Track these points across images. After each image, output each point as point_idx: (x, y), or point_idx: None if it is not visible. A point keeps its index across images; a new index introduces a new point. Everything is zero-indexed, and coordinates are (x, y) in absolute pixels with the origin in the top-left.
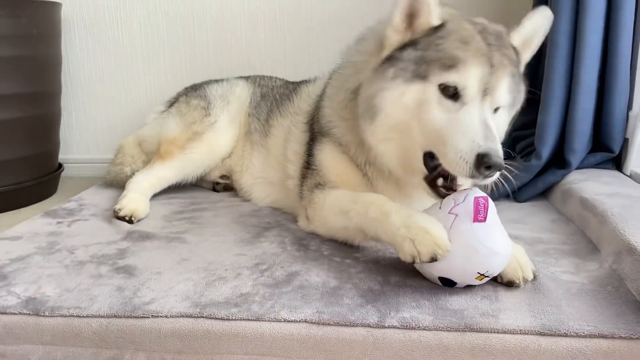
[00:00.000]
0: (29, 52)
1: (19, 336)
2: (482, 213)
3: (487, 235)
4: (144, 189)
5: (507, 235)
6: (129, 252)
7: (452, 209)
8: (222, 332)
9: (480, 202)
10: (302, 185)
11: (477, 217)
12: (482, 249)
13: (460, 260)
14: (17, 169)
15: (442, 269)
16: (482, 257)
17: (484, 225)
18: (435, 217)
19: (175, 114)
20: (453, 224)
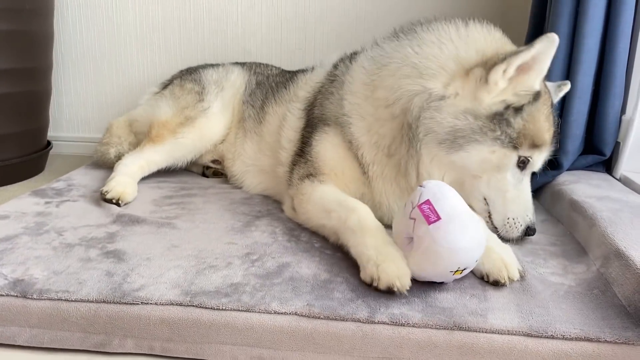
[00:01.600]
0: (21, 26)
1: (6, 318)
2: (433, 214)
3: (446, 235)
4: (133, 172)
5: (476, 223)
6: (118, 236)
7: (411, 213)
8: (211, 322)
9: (424, 208)
10: (292, 172)
11: (429, 220)
12: (444, 250)
13: (429, 265)
14: (4, 145)
15: (420, 275)
16: (446, 257)
17: (440, 225)
18: (401, 222)
19: (169, 97)
20: (414, 229)
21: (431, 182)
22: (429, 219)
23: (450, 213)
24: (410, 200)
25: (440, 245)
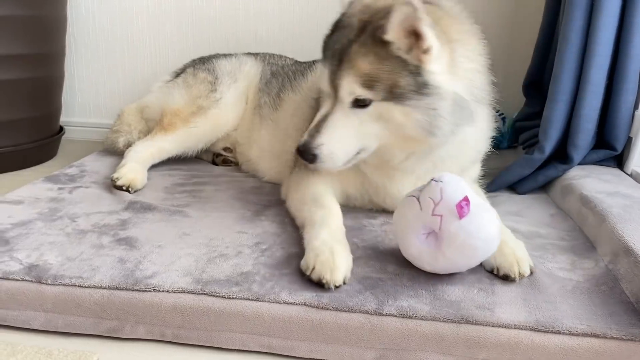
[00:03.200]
0: (34, 12)
1: (21, 302)
2: (466, 207)
3: (479, 226)
4: (143, 159)
5: (489, 206)
6: (130, 223)
7: (434, 210)
8: (222, 310)
9: (462, 203)
10: (297, 160)
11: (463, 213)
12: (480, 242)
13: (464, 259)
14: (17, 130)
15: (448, 270)
16: (482, 248)
17: (472, 218)
18: (419, 219)
19: (182, 85)
20: (441, 226)
21: (446, 175)
22: (462, 211)
23: (475, 202)
24: (426, 195)
25: (477, 238)
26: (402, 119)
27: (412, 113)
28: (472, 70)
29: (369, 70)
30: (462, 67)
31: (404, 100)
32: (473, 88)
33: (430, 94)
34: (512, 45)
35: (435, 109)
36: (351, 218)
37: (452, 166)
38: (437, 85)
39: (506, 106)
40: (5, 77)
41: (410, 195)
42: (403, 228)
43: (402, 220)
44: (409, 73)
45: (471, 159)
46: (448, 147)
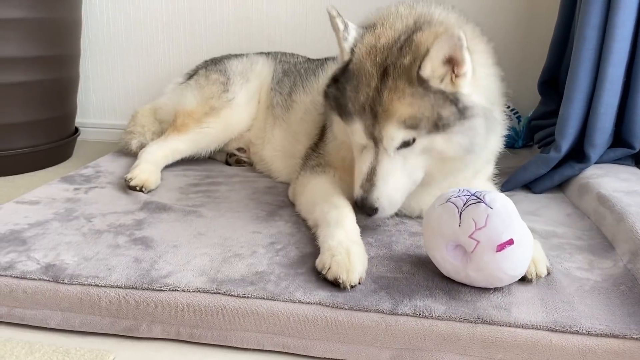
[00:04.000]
0: (49, 14)
1: (38, 301)
2: (507, 248)
3: (513, 263)
4: (157, 160)
5: (528, 233)
6: (145, 223)
7: (473, 234)
8: (237, 309)
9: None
10: (305, 164)
11: (503, 247)
12: (507, 277)
13: (483, 284)
14: (33, 131)
15: (467, 283)
16: (506, 281)
17: (508, 253)
18: (455, 233)
19: (194, 87)
20: (475, 250)
21: (498, 202)
22: (501, 247)
23: (519, 238)
24: (470, 215)
25: (506, 273)
26: (444, 146)
27: (453, 138)
28: (488, 75)
29: (410, 113)
30: (481, 76)
31: (448, 128)
32: (490, 94)
33: (470, 116)
34: (527, 43)
35: (474, 128)
36: (365, 217)
37: (467, 171)
38: (473, 105)
39: (521, 105)
40: (21, 79)
41: (450, 200)
42: (434, 231)
43: (436, 224)
44: (450, 103)
45: (486, 160)
46: None
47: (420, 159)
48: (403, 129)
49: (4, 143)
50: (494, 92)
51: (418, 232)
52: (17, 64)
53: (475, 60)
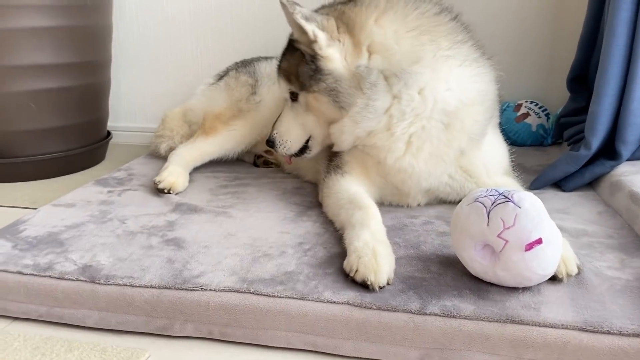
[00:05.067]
0: (82, 22)
1: (76, 301)
2: (536, 247)
3: (542, 262)
4: (185, 163)
5: (557, 232)
6: (177, 225)
7: (501, 233)
8: (267, 309)
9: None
10: (328, 166)
11: (532, 246)
12: (536, 276)
13: (512, 284)
14: (68, 136)
15: (496, 283)
16: (536, 281)
17: (537, 252)
18: (483, 233)
19: (224, 89)
20: (503, 250)
21: (527, 201)
22: (530, 247)
23: (548, 238)
24: (498, 215)
25: (535, 273)
26: (316, 104)
27: (319, 96)
28: (389, 40)
29: (285, 66)
30: (374, 43)
31: (309, 86)
32: (396, 54)
33: (324, 78)
34: (555, 39)
35: (333, 89)
36: (392, 218)
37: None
38: (330, 70)
39: (550, 101)
40: (55, 86)
41: (478, 200)
42: (462, 231)
43: (464, 224)
44: (305, 62)
45: (467, 129)
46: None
47: (308, 115)
48: (284, 79)
49: (40, 147)
50: (410, 52)
51: (446, 232)
52: (52, 70)
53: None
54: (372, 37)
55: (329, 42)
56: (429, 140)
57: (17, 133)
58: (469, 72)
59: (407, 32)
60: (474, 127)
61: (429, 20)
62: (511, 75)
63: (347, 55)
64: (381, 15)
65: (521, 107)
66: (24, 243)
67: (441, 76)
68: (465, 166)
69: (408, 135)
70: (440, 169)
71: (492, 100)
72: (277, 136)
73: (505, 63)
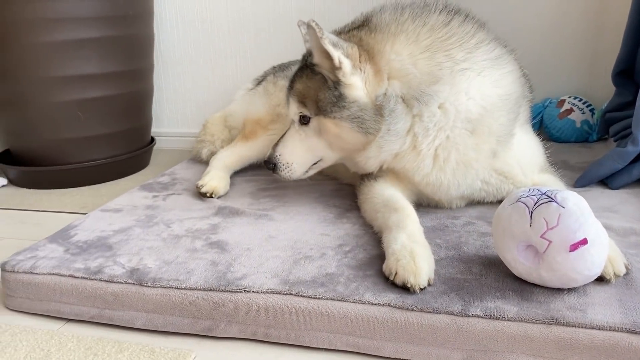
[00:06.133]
0: (125, 32)
1: (125, 303)
2: (581, 247)
3: (587, 263)
4: (226, 167)
5: (602, 230)
6: (220, 228)
7: (544, 234)
8: (309, 310)
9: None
10: None
11: (577, 247)
12: (582, 277)
13: (557, 285)
14: (114, 143)
15: (540, 284)
16: (581, 282)
17: (582, 252)
18: (525, 234)
19: (262, 94)
20: (547, 250)
21: (570, 201)
22: (574, 247)
23: (593, 238)
24: (541, 215)
25: (580, 273)
26: (335, 130)
27: (341, 123)
28: (406, 65)
29: (301, 89)
30: (392, 70)
31: (329, 112)
32: (415, 78)
33: (348, 106)
34: (599, 32)
35: (357, 117)
36: (432, 219)
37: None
38: (354, 98)
39: (594, 96)
40: (101, 94)
41: (520, 200)
42: (504, 231)
43: (506, 225)
44: (327, 88)
45: (495, 132)
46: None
47: (321, 139)
48: (297, 102)
49: (88, 154)
50: (427, 73)
51: (488, 232)
52: (98, 80)
53: (380, 60)
54: (391, 64)
55: (353, 71)
56: (455, 148)
57: (66, 141)
58: (489, 79)
59: (421, 53)
60: (500, 129)
61: (440, 35)
62: (553, 70)
63: (369, 83)
64: (395, 39)
65: (564, 102)
66: (75, 247)
67: (461, 88)
68: (500, 168)
69: (434, 149)
70: (470, 177)
71: (515, 99)
72: (280, 158)
73: (547, 58)
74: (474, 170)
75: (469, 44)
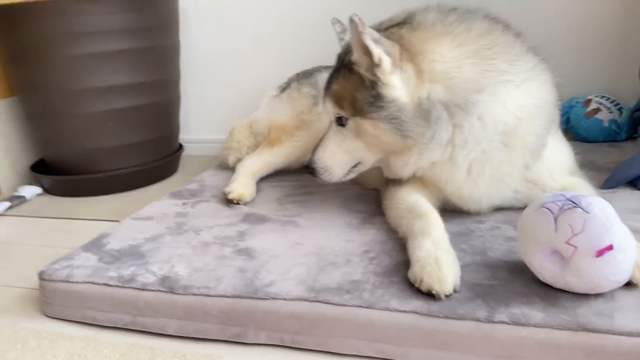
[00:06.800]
0: (152, 42)
1: (157, 310)
2: (607, 254)
3: (614, 269)
4: (252, 173)
5: (630, 236)
6: (247, 235)
7: (570, 240)
8: (335, 317)
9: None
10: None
11: (603, 253)
12: (609, 283)
13: (583, 291)
14: (143, 150)
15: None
16: (608, 288)
17: (609, 258)
18: (550, 240)
19: (286, 100)
20: (573, 256)
21: (596, 207)
22: (600, 253)
23: (619, 243)
24: (565, 221)
25: (607, 280)
26: (373, 131)
27: (378, 124)
28: (450, 69)
29: (338, 90)
30: (435, 72)
31: (366, 113)
32: (459, 84)
33: (386, 106)
34: (626, 30)
35: (395, 118)
36: (457, 223)
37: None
38: (392, 98)
39: (622, 95)
40: (131, 104)
41: (545, 206)
42: (529, 237)
43: (531, 230)
44: (364, 88)
45: (529, 146)
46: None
47: (358, 140)
48: (333, 103)
49: (119, 162)
50: (472, 78)
51: (514, 237)
52: (127, 90)
53: (423, 60)
54: (434, 65)
55: (392, 69)
56: (489, 162)
57: (97, 150)
58: (526, 91)
59: (467, 58)
60: (534, 142)
61: (485, 43)
62: (579, 69)
63: (410, 84)
64: (440, 40)
65: (591, 102)
66: (108, 256)
67: (500, 100)
68: (530, 177)
69: (468, 162)
70: (503, 190)
71: (550, 110)
72: (319, 162)
73: (572, 57)
74: (506, 184)
75: (510, 55)
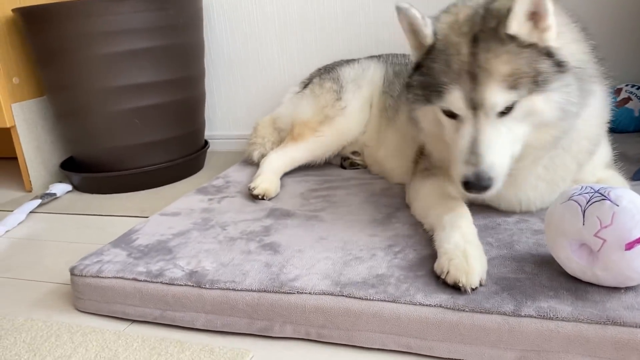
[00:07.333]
0: (177, 40)
1: (185, 305)
2: (637, 247)
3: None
4: (276, 169)
5: None
6: (272, 230)
7: (598, 232)
8: (360, 311)
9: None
10: (415, 168)
11: (632, 245)
12: (638, 276)
13: (613, 284)
14: (170, 147)
15: (595, 283)
16: (638, 281)
17: (639, 250)
18: (578, 233)
19: (309, 96)
20: (601, 249)
21: (625, 199)
22: (630, 246)
23: None
24: (594, 214)
25: (636, 272)
26: (542, 106)
27: (552, 96)
28: (573, 40)
29: (509, 71)
30: (566, 36)
31: (546, 85)
32: (577, 54)
33: (566, 70)
34: None
35: (570, 84)
36: (484, 217)
37: (567, 161)
38: (566, 59)
39: None
40: (156, 102)
41: (572, 198)
42: (557, 230)
43: (559, 223)
44: (545, 57)
45: (586, 149)
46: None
47: (520, 127)
48: (504, 89)
49: (146, 159)
50: (585, 61)
51: (541, 230)
52: (152, 88)
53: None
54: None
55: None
56: (552, 166)
57: (124, 147)
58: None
59: (582, 46)
60: (589, 145)
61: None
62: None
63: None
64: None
65: (621, 91)
66: (137, 251)
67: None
68: (576, 176)
69: (543, 165)
70: (555, 194)
71: (605, 112)
72: (493, 171)
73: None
74: (559, 188)
75: (593, 56)
